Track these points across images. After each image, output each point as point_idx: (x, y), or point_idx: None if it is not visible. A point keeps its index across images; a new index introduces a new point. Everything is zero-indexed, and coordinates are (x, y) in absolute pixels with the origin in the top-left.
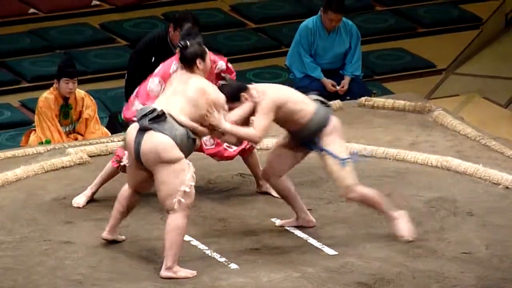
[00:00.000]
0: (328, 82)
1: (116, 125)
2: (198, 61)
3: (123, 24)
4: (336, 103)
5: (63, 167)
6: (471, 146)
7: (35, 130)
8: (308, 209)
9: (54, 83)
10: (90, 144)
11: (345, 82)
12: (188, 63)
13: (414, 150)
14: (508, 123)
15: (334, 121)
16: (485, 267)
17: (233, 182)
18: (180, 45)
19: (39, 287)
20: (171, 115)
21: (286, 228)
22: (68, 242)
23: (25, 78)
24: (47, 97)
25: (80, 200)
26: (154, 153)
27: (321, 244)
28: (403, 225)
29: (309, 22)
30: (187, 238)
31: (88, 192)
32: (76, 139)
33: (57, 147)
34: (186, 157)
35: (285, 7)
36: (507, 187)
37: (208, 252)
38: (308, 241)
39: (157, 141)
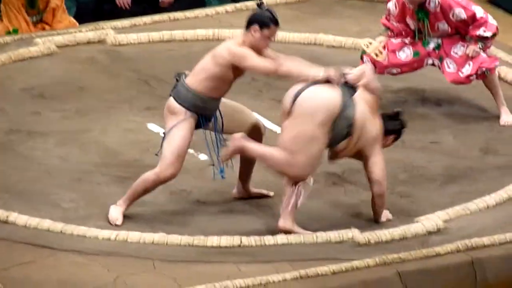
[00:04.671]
0: None
1: (84, 15)
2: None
3: None
4: None
5: (30, 58)
6: None
7: (1, 19)
8: (278, 101)
9: None
10: (58, 34)
11: None
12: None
13: None
14: None
15: None
16: (452, 157)
17: None
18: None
19: (10, 177)
20: None
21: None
22: (37, 133)
23: None
24: None
25: None
26: None
27: None
28: None
29: None
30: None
31: None
32: (43, 29)
33: (24, 37)
34: None
35: None
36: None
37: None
38: (277, 132)
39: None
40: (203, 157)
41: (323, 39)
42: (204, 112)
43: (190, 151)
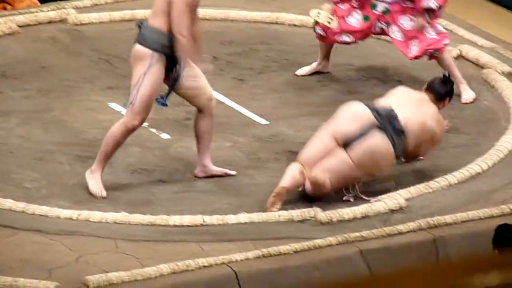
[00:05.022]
0: None
1: None
2: None
3: None
4: None
5: None
6: None
7: None
8: (240, 79)
9: None
10: (19, 13)
11: None
12: None
13: None
14: None
15: None
16: None
17: None
18: None
19: None
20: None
21: (217, 98)
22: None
23: None
24: None
25: None
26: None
27: (252, 113)
28: None
29: None
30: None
31: None
32: (4, 8)
33: None
34: None
35: None
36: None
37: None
38: (240, 111)
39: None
40: (165, 136)
41: (285, 17)
42: (170, 52)
43: (152, 130)
